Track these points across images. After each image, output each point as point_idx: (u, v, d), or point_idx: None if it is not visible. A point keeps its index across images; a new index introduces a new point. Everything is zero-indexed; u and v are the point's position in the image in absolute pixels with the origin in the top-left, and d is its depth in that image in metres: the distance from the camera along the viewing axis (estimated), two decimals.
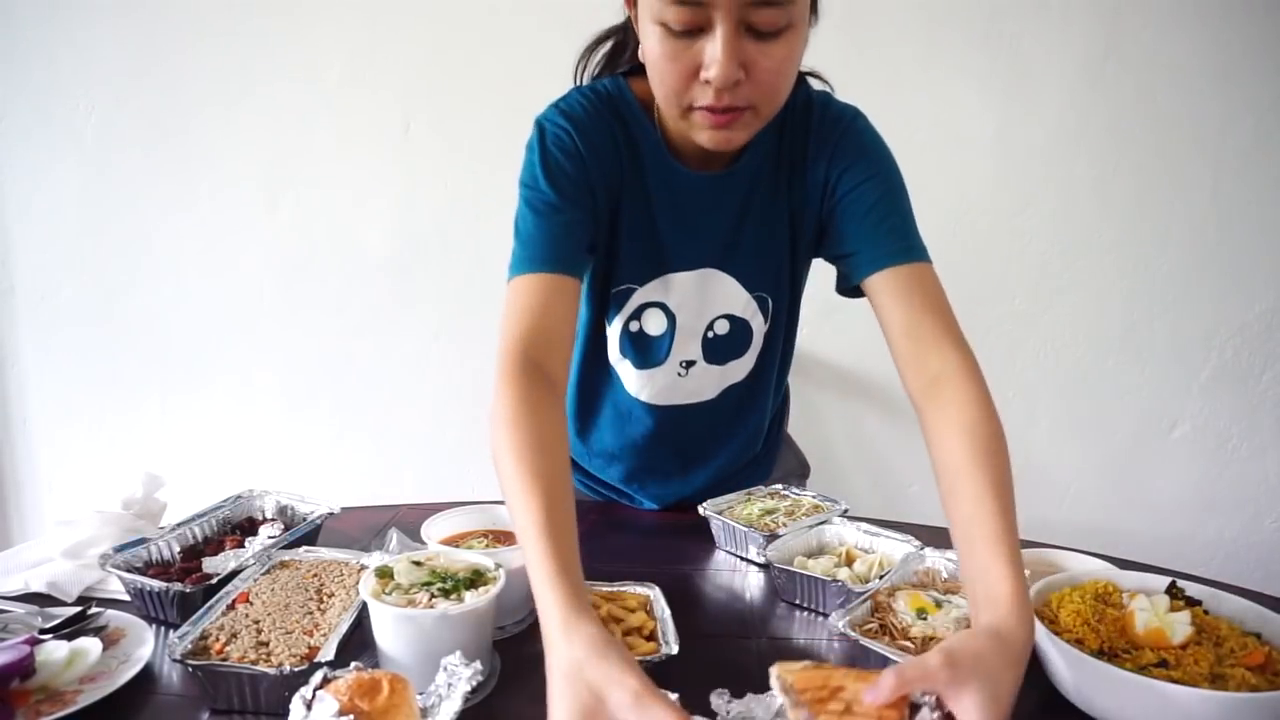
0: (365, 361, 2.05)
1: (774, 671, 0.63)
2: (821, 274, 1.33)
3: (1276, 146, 1.87)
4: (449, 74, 1.90)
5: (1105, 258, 1.94)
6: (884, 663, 0.76)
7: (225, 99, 1.93)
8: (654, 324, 1.06)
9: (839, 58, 1.83)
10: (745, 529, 1.04)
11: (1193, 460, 2.02)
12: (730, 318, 1.07)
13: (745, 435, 1.22)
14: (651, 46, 0.83)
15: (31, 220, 2.02)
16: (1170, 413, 2.00)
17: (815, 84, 1.06)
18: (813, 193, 1.01)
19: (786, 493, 1.17)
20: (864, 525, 1.04)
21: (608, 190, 0.98)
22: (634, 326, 1.07)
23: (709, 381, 1.12)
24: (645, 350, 1.08)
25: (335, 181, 1.97)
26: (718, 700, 0.69)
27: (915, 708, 0.62)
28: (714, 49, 0.79)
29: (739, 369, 1.12)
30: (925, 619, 0.82)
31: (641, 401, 1.13)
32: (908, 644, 0.79)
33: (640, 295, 1.05)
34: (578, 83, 1.05)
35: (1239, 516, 2.05)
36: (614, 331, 1.09)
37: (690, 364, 1.09)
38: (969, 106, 1.88)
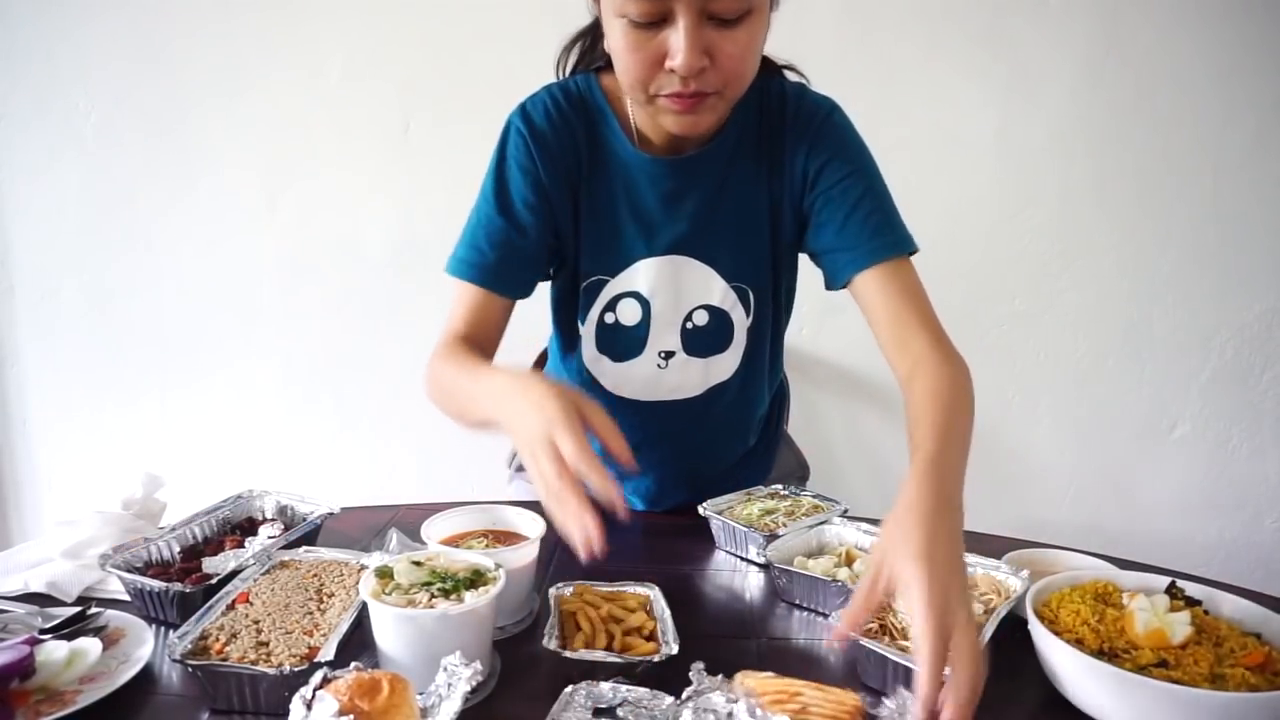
0: (365, 361, 2.05)
1: (737, 677, 0.69)
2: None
3: (1277, 146, 1.87)
4: (449, 73, 1.90)
5: (1105, 258, 1.94)
6: (883, 663, 0.77)
7: (225, 98, 1.93)
8: (629, 314, 1.07)
9: (839, 56, 1.85)
10: (745, 529, 1.04)
11: (1193, 460, 2.02)
12: (709, 308, 1.07)
13: (738, 435, 1.22)
14: (616, 39, 0.87)
15: (31, 220, 2.02)
16: (1170, 413, 2.00)
17: (792, 76, 1.08)
18: (792, 185, 1.03)
19: (786, 493, 1.17)
20: (864, 525, 1.04)
21: (569, 187, 1.03)
22: (609, 319, 1.07)
23: (692, 376, 1.11)
24: (621, 341, 1.08)
25: (335, 181, 1.97)
26: (694, 673, 0.71)
27: (872, 718, 0.67)
28: (677, 39, 0.82)
29: (724, 365, 1.11)
30: None
31: (623, 398, 1.12)
32: (907, 644, 0.79)
33: (613, 286, 1.06)
34: (559, 78, 1.08)
35: (1239, 516, 2.05)
36: (588, 330, 1.09)
37: (669, 355, 1.09)
38: (969, 105, 1.88)
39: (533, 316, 1.27)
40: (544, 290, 1.20)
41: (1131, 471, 2.03)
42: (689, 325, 1.07)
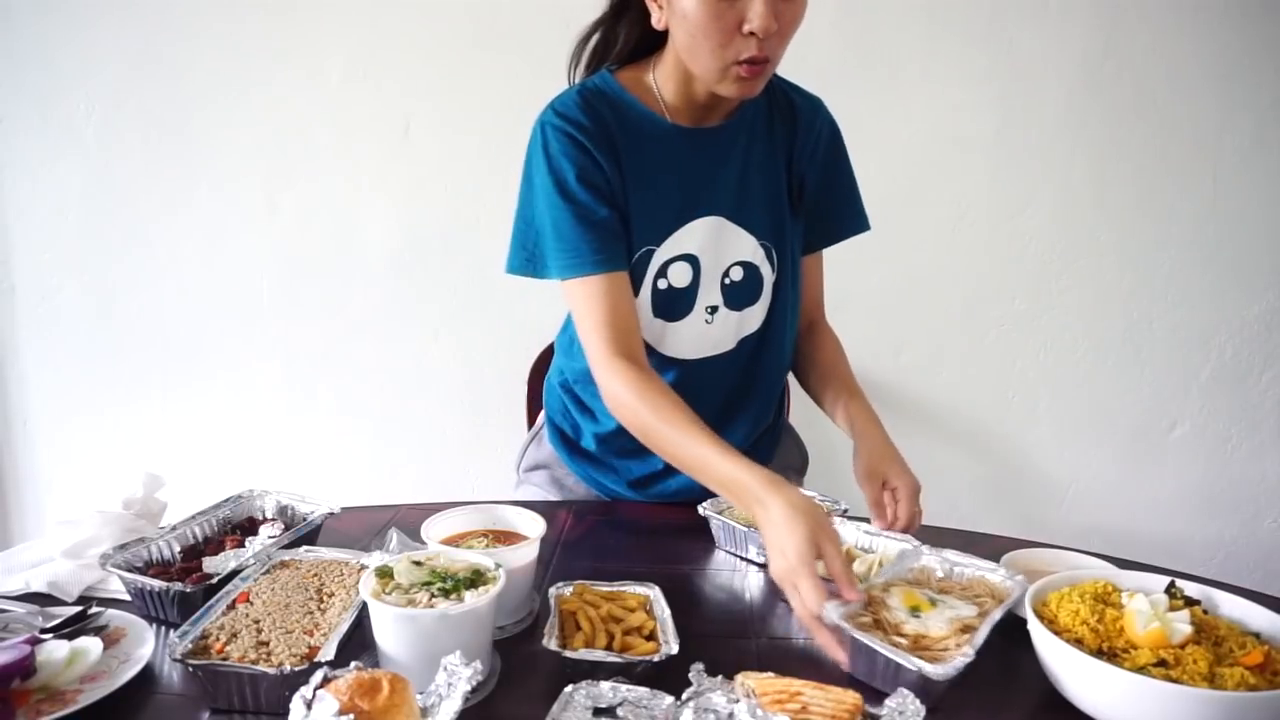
0: (365, 361, 2.05)
1: (738, 678, 0.69)
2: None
3: (1276, 146, 1.87)
4: (449, 74, 1.90)
5: (1105, 258, 1.94)
6: (871, 657, 0.77)
7: (225, 99, 1.93)
8: (681, 276, 1.14)
9: (839, 58, 1.85)
10: (745, 529, 1.04)
11: (1193, 460, 2.02)
12: (744, 264, 1.16)
13: (761, 396, 1.25)
14: (693, 11, 0.97)
15: (31, 220, 2.02)
16: (1170, 413, 2.00)
17: None
18: (799, 162, 1.18)
19: None
20: (864, 525, 1.04)
21: (615, 167, 1.10)
22: (661, 284, 1.14)
23: (729, 330, 1.18)
24: (676, 302, 1.15)
25: (335, 181, 1.97)
26: (694, 674, 0.71)
27: (871, 717, 0.67)
28: (757, 5, 0.95)
29: (753, 318, 1.19)
30: (919, 617, 0.82)
31: (671, 358, 1.17)
32: (900, 639, 0.79)
33: (660, 253, 1.13)
34: (571, 79, 1.17)
35: (1239, 516, 2.05)
36: (644, 300, 1.14)
37: (714, 309, 1.17)
38: (969, 107, 1.88)
39: (528, 317, 1.27)
40: (537, 287, 1.19)
41: (1131, 471, 2.03)
42: (727, 281, 1.16)
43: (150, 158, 1.97)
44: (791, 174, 1.18)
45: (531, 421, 1.49)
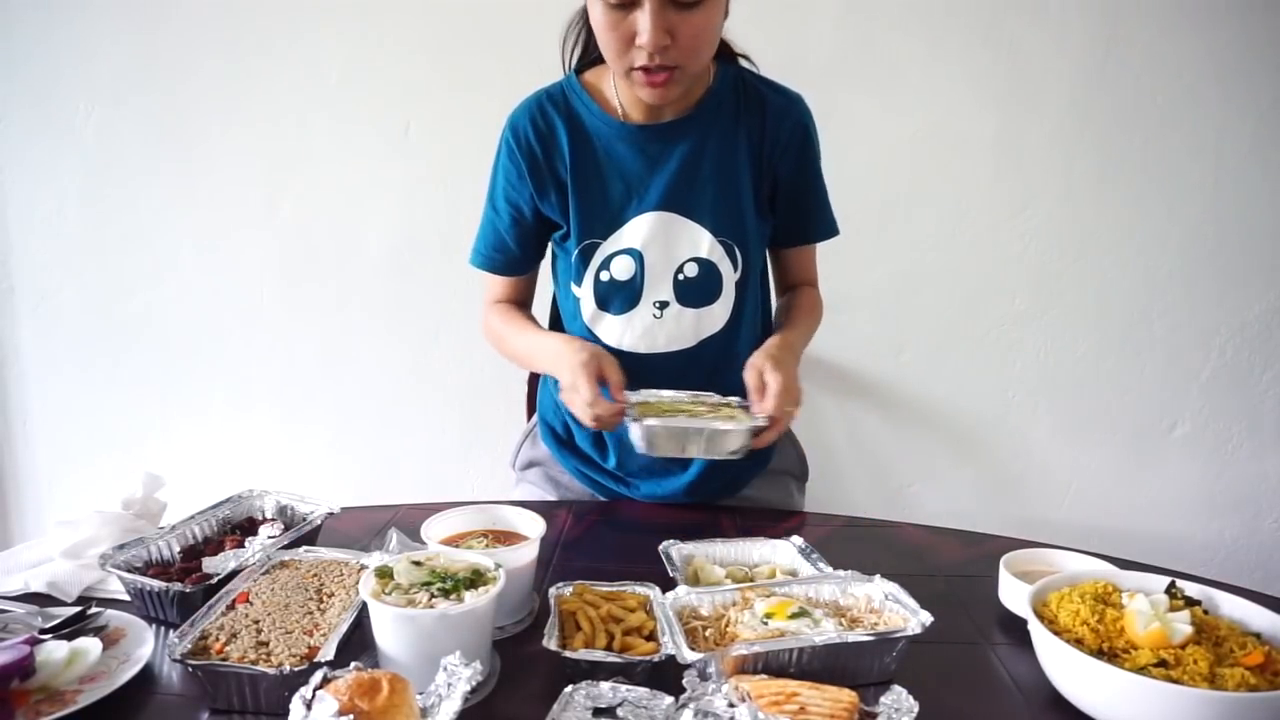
0: (365, 361, 2.05)
1: (732, 681, 0.70)
2: (820, 276, 1.34)
3: (1275, 147, 1.87)
4: (449, 74, 1.90)
5: (1105, 258, 1.94)
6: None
7: (225, 99, 1.93)
8: (622, 269, 1.16)
9: (839, 56, 1.85)
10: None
11: (1193, 460, 2.02)
12: (698, 260, 1.16)
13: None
14: (595, 19, 1.02)
15: (31, 220, 2.02)
16: (1170, 413, 2.00)
17: (744, 64, 1.21)
18: (771, 156, 1.17)
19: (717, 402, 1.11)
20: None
21: (553, 175, 1.16)
22: (604, 276, 1.16)
23: (685, 327, 1.18)
24: (618, 294, 1.17)
25: (335, 182, 1.97)
26: (688, 679, 0.71)
27: (868, 715, 0.67)
28: (644, 20, 0.97)
29: (714, 317, 1.18)
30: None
31: (624, 351, 1.17)
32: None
33: (605, 247, 1.16)
34: (566, 64, 1.23)
35: (1239, 516, 2.05)
36: (586, 291, 1.17)
37: (664, 305, 1.16)
38: (969, 107, 1.88)
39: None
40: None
41: (1131, 471, 2.03)
42: (680, 277, 1.16)
43: (150, 158, 1.97)
44: (761, 168, 1.17)
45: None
